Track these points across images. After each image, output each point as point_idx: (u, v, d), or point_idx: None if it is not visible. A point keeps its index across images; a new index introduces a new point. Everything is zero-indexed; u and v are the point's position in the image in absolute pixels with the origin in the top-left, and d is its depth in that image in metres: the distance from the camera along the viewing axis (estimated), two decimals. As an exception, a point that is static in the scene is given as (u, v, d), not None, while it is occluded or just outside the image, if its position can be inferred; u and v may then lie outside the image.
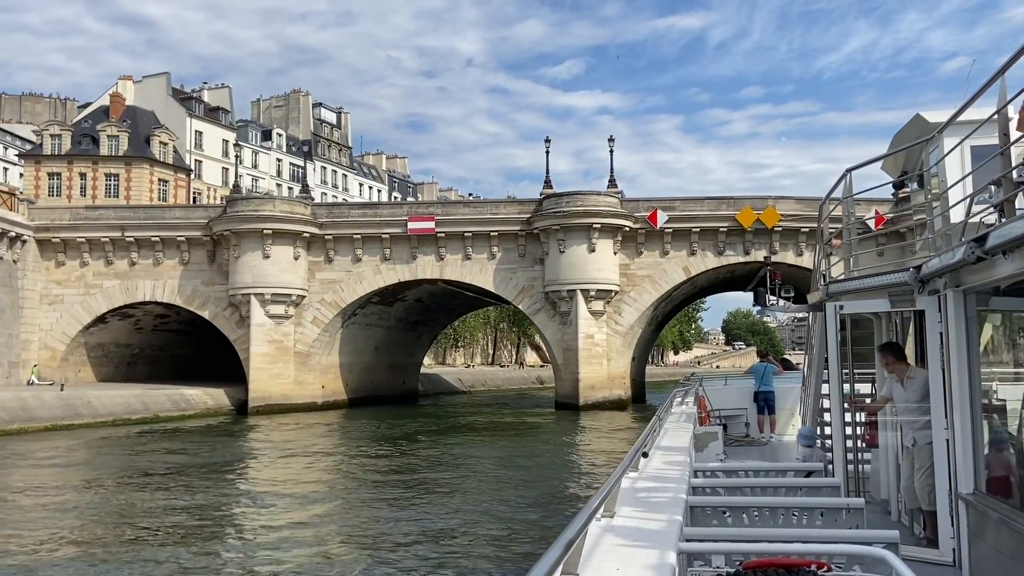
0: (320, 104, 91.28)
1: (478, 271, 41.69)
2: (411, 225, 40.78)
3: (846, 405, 7.94)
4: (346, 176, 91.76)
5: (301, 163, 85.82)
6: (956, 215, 6.22)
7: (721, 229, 40.87)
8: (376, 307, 44.06)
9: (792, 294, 12.71)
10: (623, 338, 41.68)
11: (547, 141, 42.50)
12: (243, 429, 33.67)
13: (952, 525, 5.92)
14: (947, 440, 5.96)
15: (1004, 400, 6.06)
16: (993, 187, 5.39)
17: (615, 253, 40.75)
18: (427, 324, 53.21)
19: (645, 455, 7.72)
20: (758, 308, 19.38)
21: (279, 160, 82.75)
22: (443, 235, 41.22)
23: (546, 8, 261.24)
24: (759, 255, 41.34)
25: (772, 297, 12.85)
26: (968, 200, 5.72)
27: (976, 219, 5.49)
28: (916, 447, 6.88)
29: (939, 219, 6.64)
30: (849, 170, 7.87)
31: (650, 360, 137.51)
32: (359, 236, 41.17)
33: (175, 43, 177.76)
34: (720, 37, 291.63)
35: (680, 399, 16.21)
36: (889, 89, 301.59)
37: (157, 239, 40.80)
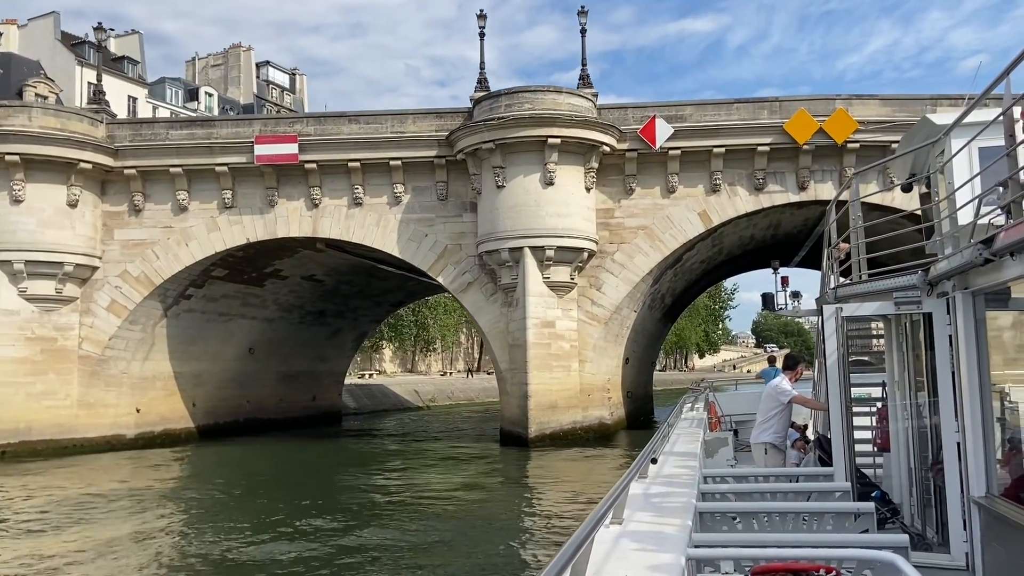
0: (267, 63, 76.68)
1: (374, 224, 26.38)
2: (259, 150, 25.53)
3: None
4: (301, 149, 77.01)
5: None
6: (964, 217, 6.13)
7: (761, 148, 25.28)
8: (227, 286, 28.83)
9: (800, 299, 14.46)
10: (605, 327, 26.12)
11: (481, 16, 27.03)
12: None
13: (964, 529, 5.70)
14: (958, 443, 5.74)
15: (1016, 402, 5.88)
16: (1001, 188, 5.04)
17: (588, 189, 25.26)
18: (343, 316, 37.93)
19: (654, 461, 7.60)
20: (781, 307, 16.26)
21: (209, 126, 67.79)
22: (315, 166, 25.95)
23: (556, 15, 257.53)
24: (822, 191, 25.76)
25: (782, 301, 14.27)
26: (976, 202, 5.60)
27: (984, 220, 5.47)
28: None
29: (947, 221, 6.67)
30: (856, 173, 7.92)
31: (671, 364, 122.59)
32: (182, 170, 26.04)
33: (190, 57, 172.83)
34: (740, 40, 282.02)
35: (690, 405, 15.86)
36: (909, 88, 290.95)
37: None
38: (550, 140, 23.94)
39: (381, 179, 26.29)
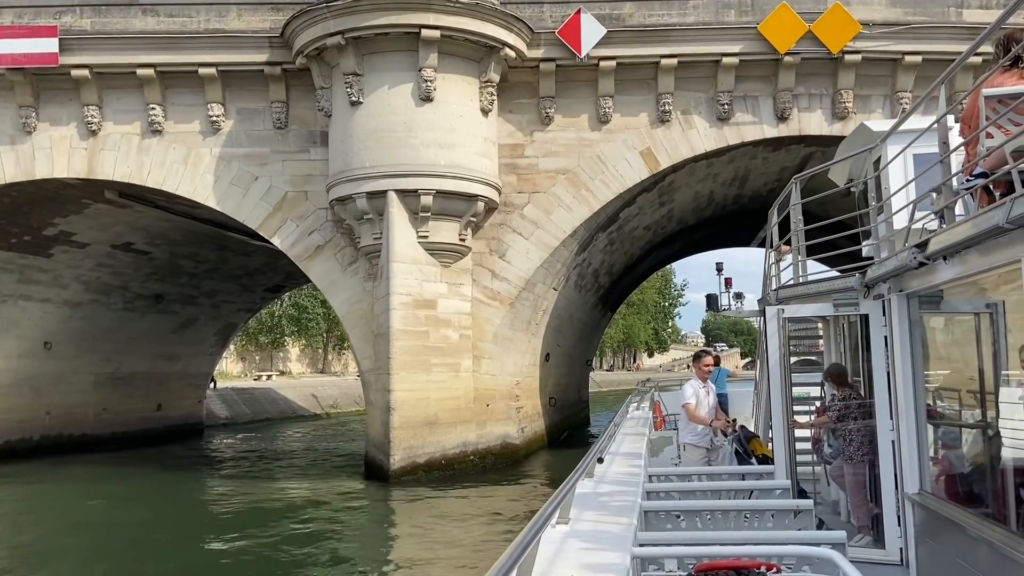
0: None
1: (179, 161, 18.42)
2: (1, 47, 17.39)
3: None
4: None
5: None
6: (899, 221, 6.32)
7: (727, 60, 18.11)
8: (-16, 252, 20.54)
9: (743, 300, 14.25)
10: (511, 310, 18.60)
11: None
12: None
13: (899, 525, 5.87)
14: (892, 441, 5.92)
15: (948, 402, 6.05)
16: (934, 194, 5.33)
17: (486, 113, 17.71)
18: (195, 302, 29.62)
19: (600, 461, 7.60)
20: (725, 308, 16.35)
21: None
22: (88, 74, 17.89)
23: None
24: (808, 123, 18.77)
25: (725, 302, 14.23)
26: (910, 207, 5.77)
27: (918, 225, 5.56)
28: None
29: (883, 225, 6.89)
30: (796, 178, 7.77)
31: (619, 363, 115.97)
32: None
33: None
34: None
35: (636, 404, 15.69)
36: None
37: None
38: (425, 33, 16.30)
39: (191, 97, 18.35)
